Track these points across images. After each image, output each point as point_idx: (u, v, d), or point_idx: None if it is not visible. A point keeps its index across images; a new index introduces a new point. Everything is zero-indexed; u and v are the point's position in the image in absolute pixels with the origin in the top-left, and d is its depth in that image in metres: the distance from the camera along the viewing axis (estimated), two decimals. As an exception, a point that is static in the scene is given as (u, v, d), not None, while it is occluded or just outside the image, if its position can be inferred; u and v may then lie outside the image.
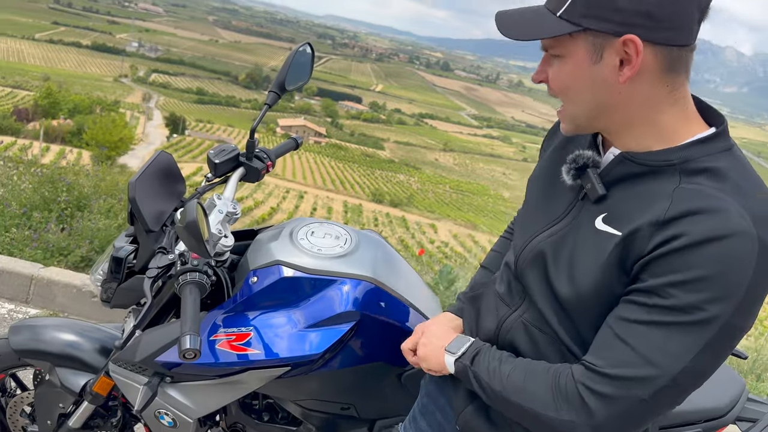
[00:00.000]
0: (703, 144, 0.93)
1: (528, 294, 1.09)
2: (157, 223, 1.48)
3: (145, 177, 1.46)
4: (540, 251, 1.05)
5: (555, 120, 1.17)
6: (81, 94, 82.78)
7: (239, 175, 1.64)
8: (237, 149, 1.66)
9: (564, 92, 0.98)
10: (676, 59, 0.90)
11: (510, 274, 1.16)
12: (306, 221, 1.58)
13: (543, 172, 1.17)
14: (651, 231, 0.88)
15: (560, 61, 0.95)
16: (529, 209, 1.17)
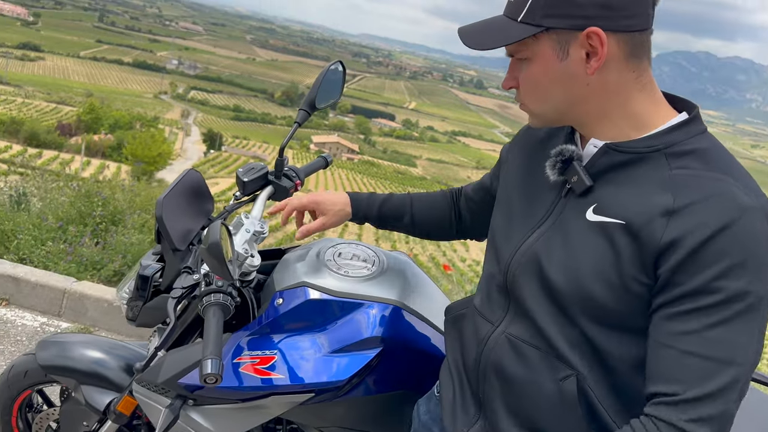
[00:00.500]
0: (683, 128, 0.94)
1: (516, 305, 1.05)
2: (184, 242, 1.46)
3: (173, 195, 1.45)
4: (533, 255, 1.02)
5: None
6: (122, 110, 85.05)
7: (267, 193, 1.62)
8: (266, 168, 1.64)
9: (534, 92, 1.00)
10: (638, 44, 0.93)
11: (492, 286, 1.13)
12: (334, 242, 1.55)
13: (519, 179, 1.16)
14: (663, 221, 0.87)
15: (528, 63, 0.97)
16: (511, 217, 1.13)
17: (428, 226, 1.51)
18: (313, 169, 1.81)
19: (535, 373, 1.01)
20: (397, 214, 1.48)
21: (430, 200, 1.51)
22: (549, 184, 1.05)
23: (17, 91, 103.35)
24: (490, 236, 1.20)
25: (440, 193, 1.52)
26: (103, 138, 64.02)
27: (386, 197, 1.50)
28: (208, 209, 1.60)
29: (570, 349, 0.98)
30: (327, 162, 1.86)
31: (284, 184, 1.63)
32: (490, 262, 1.16)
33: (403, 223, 1.50)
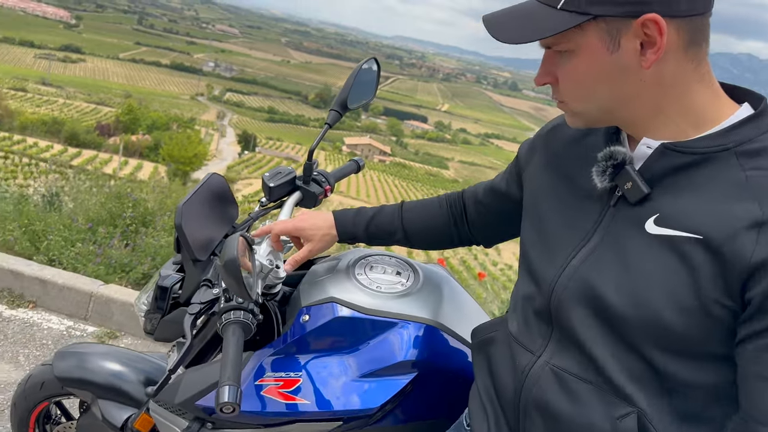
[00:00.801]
0: (752, 122, 0.82)
1: (562, 333, 0.92)
2: (205, 252, 1.36)
3: (194, 201, 1.35)
4: (582, 278, 0.88)
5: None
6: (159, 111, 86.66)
7: (295, 200, 1.52)
8: (293, 172, 1.54)
9: (577, 89, 0.86)
10: (698, 30, 0.81)
11: (529, 310, 0.99)
12: (365, 252, 1.43)
13: (549, 185, 1.01)
14: (751, 235, 0.74)
15: (570, 56, 0.84)
16: (546, 230, 0.99)
17: (424, 238, 1.37)
18: (344, 173, 1.70)
19: (586, 410, 0.88)
20: (387, 230, 1.35)
21: (424, 210, 1.36)
22: (592, 192, 0.91)
23: (59, 92, 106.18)
24: (523, 252, 1.05)
25: (434, 201, 1.38)
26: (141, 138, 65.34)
27: (375, 212, 1.36)
28: (232, 216, 1.50)
29: (631, 382, 0.85)
30: (359, 166, 1.75)
31: (313, 189, 1.53)
32: (527, 283, 1.02)
33: (395, 238, 1.36)
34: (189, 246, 1.29)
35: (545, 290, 0.94)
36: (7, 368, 2.50)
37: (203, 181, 1.41)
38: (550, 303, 0.93)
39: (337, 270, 1.35)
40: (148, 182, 6.59)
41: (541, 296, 0.95)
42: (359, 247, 1.51)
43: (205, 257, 1.34)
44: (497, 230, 1.30)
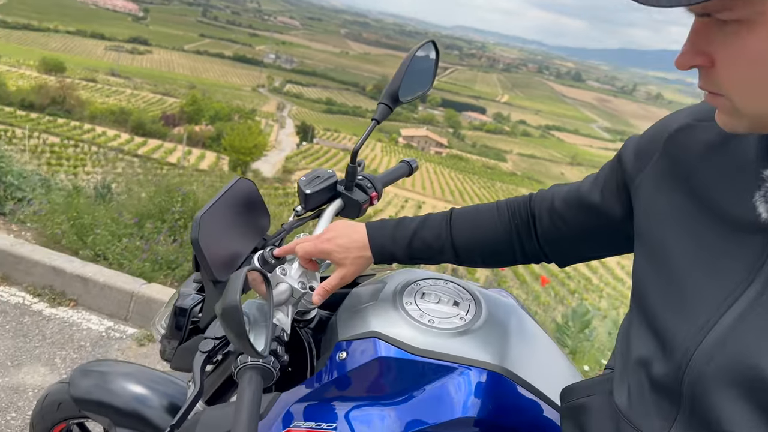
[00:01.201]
0: None
1: (695, 416, 0.65)
2: (227, 271, 1.16)
3: (216, 210, 1.15)
4: (739, 349, 0.61)
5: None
6: (222, 102, 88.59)
7: (335, 208, 1.31)
8: (334, 176, 1.33)
9: (748, 80, 0.58)
10: None
11: (644, 379, 0.72)
12: (416, 275, 1.20)
13: (679, 208, 0.73)
14: None
15: (742, 29, 0.56)
16: (677, 275, 0.70)
17: (478, 253, 1.08)
18: (394, 177, 1.48)
19: None
20: (434, 247, 1.08)
21: (478, 218, 1.08)
22: (749, 223, 0.64)
23: (127, 82, 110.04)
24: (638, 292, 0.78)
25: (491, 207, 1.09)
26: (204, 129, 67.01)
27: (418, 225, 1.08)
28: (263, 226, 1.29)
29: None
30: (411, 168, 1.52)
31: (356, 197, 1.31)
32: (645, 339, 0.74)
33: (444, 257, 1.09)
34: (207, 264, 1.09)
35: (676, 358, 0.67)
36: (43, 371, 2.40)
37: (228, 187, 1.20)
38: (684, 377, 0.66)
39: (382, 297, 1.12)
40: (209, 172, 6.53)
41: (668, 364, 0.68)
42: (412, 267, 1.28)
43: (226, 277, 1.14)
44: (578, 249, 1.02)
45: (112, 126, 59.31)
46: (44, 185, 4.64)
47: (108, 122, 60.46)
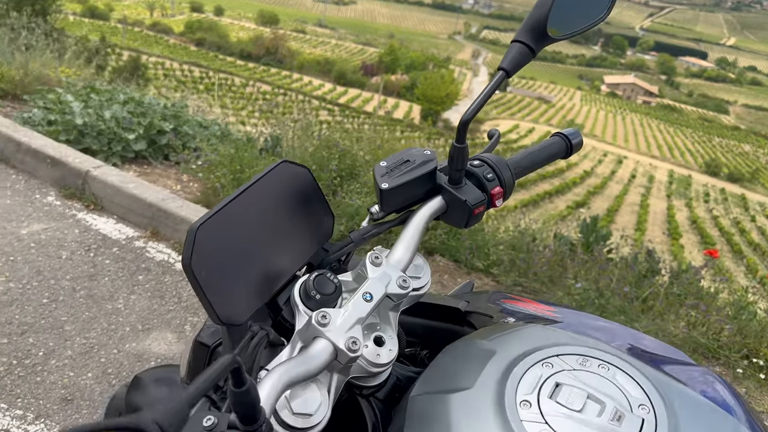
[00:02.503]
0: None
1: None
2: (254, 301, 0.80)
3: (236, 211, 0.78)
4: None
5: None
6: (418, 51, 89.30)
7: (431, 212, 0.88)
8: (433, 160, 0.89)
9: None
10: None
11: None
12: (551, 338, 0.73)
13: None
14: None
15: None
16: None
17: None
18: (539, 159, 1.01)
19: None
20: None
21: None
22: None
23: (332, 33, 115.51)
24: None
25: None
26: (399, 78, 68.39)
27: None
28: (322, 232, 0.90)
29: None
30: (569, 146, 1.03)
31: (465, 194, 0.87)
32: None
33: None
34: (207, 301, 0.73)
35: None
36: (170, 338, 2.31)
37: (260, 176, 0.82)
38: None
39: (481, 381, 0.67)
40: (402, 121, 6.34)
41: None
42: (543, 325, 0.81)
43: (244, 318, 0.78)
44: None
45: (317, 76, 62.90)
46: (221, 136, 4.72)
47: (313, 72, 64.21)
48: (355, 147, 3.96)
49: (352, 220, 3.28)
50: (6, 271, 2.52)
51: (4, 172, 3.26)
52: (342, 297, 0.81)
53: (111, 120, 4.01)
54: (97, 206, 3.17)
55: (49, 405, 1.96)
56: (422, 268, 0.88)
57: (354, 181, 3.69)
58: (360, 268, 0.81)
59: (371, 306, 0.76)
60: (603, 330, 0.83)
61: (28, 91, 4.71)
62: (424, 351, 1.07)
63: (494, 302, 0.96)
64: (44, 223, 2.91)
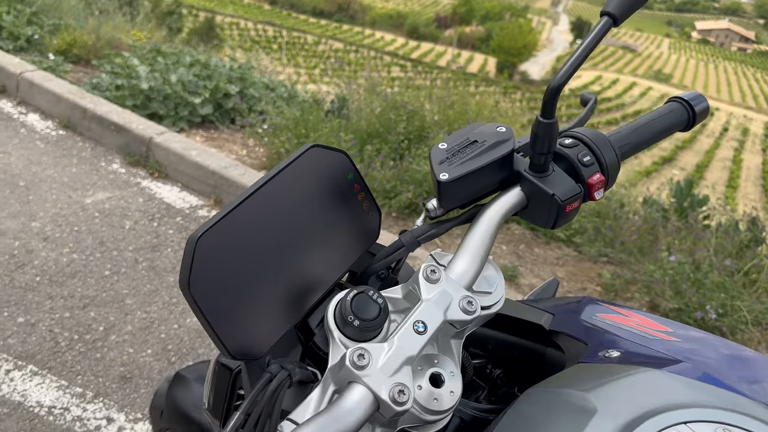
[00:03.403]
0: None
1: None
2: (279, 325, 0.63)
3: (247, 217, 0.62)
4: None
5: None
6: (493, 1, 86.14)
7: (507, 208, 0.68)
8: (509, 139, 0.69)
9: None
10: None
11: None
12: (670, 392, 0.53)
13: None
14: None
15: None
16: None
17: None
18: (652, 134, 0.78)
19: None
20: None
21: None
22: None
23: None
24: None
25: None
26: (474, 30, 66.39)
27: None
28: (369, 230, 0.71)
29: None
30: (691, 115, 0.80)
31: (552, 185, 0.67)
32: None
33: None
34: (214, 333, 0.57)
35: None
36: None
37: (288, 163, 0.64)
38: None
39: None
40: (476, 75, 6.09)
41: None
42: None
43: (265, 349, 0.62)
44: None
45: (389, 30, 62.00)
46: (288, 98, 4.59)
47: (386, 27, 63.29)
48: (425, 106, 3.73)
49: (420, 186, 3.08)
50: (70, 241, 2.50)
51: (71, 140, 3.26)
52: (389, 319, 0.64)
53: (177, 84, 3.94)
54: (161, 174, 3.12)
55: (108, 383, 1.91)
56: (494, 280, 0.69)
57: (422, 144, 3.47)
58: (412, 284, 0.63)
59: (424, 339, 0.58)
60: (744, 368, 0.61)
61: (99, 56, 4.72)
62: (496, 370, 0.88)
63: (588, 318, 0.76)
64: (108, 192, 2.88)
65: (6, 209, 2.61)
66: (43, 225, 2.56)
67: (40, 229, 2.54)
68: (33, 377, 1.87)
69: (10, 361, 1.91)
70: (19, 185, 2.79)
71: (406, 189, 3.05)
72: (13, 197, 2.70)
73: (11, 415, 1.75)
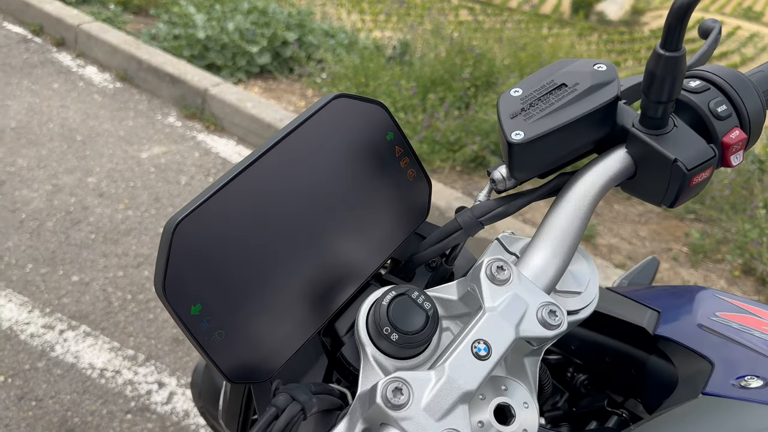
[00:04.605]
0: None
1: None
2: (291, 346, 0.48)
3: (247, 194, 0.46)
4: None
5: None
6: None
7: (607, 178, 0.49)
8: (611, 81, 0.49)
9: None
10: None
11: None
12: None
13: None
14: None
15: None
16: None
17: None
18: None
19: None
20: None
21: None
22: None
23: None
24: None
25: None
26: (546, -31, 63.01)
27: None
28: (416, 207, 0.55)
29: None
30: None
31: (673, 149, 0.47)
32: None
33: None
34: (204, 351, 0.43)
35: None
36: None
37: (305, 118, 0.48)
38: None
39: None
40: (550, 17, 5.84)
41: None
42: None
43: (274, 370, 0.47)
44: None
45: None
46: (348, 45, 4.39)
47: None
48: (493, 49, 3.46)
49: (487, 137, 2.86)
50: (125, 197, 2.45)
51: (128, 93, 3.20)
52: (440, 327, 0.48)
53: (234, 32, 3.81)
54: (217, 127, 3.02)
55: (160, 346, 1.86)
56: (584, 275, 0.51)
57: (490, 91, 3.23)
58: (470, 283, 0.46)
59: (488, 368, 0.42)
60: None
61: (158, 5, 4.64)
62: (580, 375, 0.71)
63: (706, 320, 0.57)
64: (164, 146, 2.82)
65: (63, 164, 2.58)
66: (98, 180, 2.52)
67: (95, 184, 2.50)
68: (86, 338, 1.84)
69: (64, 321, 1.89)
70: (76, 140, 2.75)
71: (471, 141, 2.84)
72: (70, 152, 2.67)
73: (64, 376, 1.72)
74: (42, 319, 1.88)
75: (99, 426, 1.60)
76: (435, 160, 2.84)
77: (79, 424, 1.60)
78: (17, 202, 2.33)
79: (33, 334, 1.83)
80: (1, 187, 2.40)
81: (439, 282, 0.57)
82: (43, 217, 2.28)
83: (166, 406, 1.68)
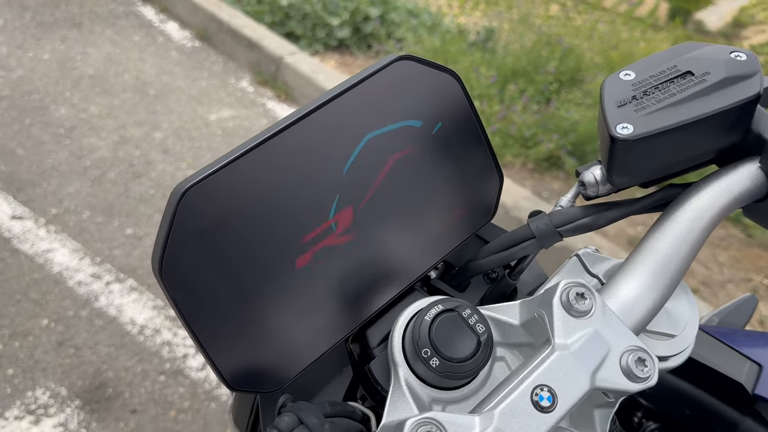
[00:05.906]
0: None
1: None
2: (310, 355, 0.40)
3: (281, 162, 0.37)
4: None
5: None
6: (674, -62, 77.82)
7: (732, 196, 0.37)
8: (753, 74, 0.37)
9: None
10: None
11: None
12: None
13: None
14: None
15: None
16: None
17: None
18: None
19: None
20: None
21: None
22: None
23: None
24: None
25: None
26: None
27: None
28: (483, 203, 0.45)
29: None
30: None
31: None
32: None
33: None
34: (204, 349, 0.35)
35: None
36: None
37: (362, 78, 0.39)
38: None
39: None
40: (645, 20, 5.59)
41: None
42: None
43: (287, 380, 0.39)
44: None
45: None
46: (431, 26, 4.27)
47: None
48: (583, 45, 3.28)
49: (565, 137, 2.71)
50: (189, 156, 2.44)
51: (205, 52, 3.20)
52: (494, 356, 0.39)
53: (317, 2, 3.76)
54: (288, 96, 2.98)
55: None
56: (683, 315, 0.41)
57: (575, 88, 3.05)
58: (538, 308, 0.37)
59: (549, 423, 0.33)
60: None
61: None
62: (651, 423, 0.60)
63: None
64: (234, 110, 2.80)
65: (133, 116, 2.60)
66: (165, 136, 2.53)
67: (161, 140, 2.50)
68: (131, 293, 1.84)
69: (112, 272, 1.89)
70: (149, 93, 2.77)
71: (548, 138, 2.69)
72: (141, 105, 2.68)
73: (105, 328, 1.72)
74: (91, 268, 1.88)
75: (131, 383, 1.59)
76: (506, 155, 2.71)
77: (112, 379, 1.59)
78: (84, 149, 2.36)
79: (81, 282, 1.84)
80: (71, 132, 2.44)
81: (498, 298, 0.48)
82: (106, 166, 2.30)
83: (200, 372, 1.66)
